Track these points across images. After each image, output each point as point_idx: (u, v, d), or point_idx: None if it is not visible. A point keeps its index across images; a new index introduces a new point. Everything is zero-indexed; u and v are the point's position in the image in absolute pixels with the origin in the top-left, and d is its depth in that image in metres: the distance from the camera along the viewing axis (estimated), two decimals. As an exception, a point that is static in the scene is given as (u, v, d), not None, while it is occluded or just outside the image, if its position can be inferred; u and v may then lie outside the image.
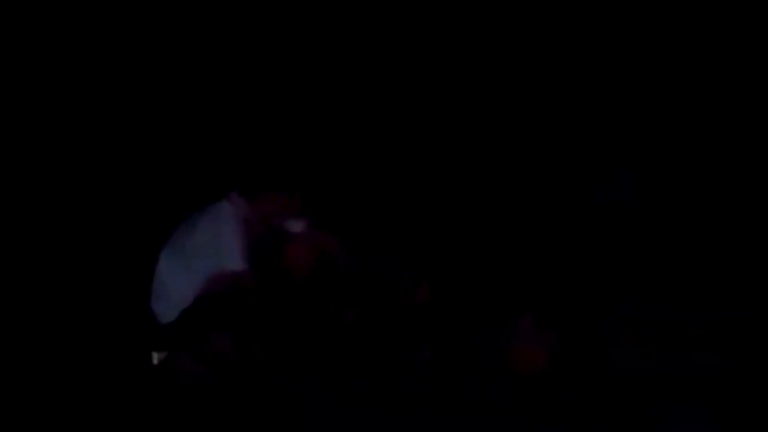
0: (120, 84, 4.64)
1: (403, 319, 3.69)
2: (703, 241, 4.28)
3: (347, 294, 3.82)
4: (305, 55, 4.72)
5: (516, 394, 3.49)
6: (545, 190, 4.69)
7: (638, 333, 3.70)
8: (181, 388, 3.52)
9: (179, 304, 3.61)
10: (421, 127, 4.76)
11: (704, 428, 3.25)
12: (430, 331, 3.66)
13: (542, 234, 4.54)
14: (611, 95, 4.66)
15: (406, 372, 3.57)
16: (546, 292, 3.97)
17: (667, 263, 4.18)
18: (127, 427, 3.51)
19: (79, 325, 4.05)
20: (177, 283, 3.64)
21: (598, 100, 4.68)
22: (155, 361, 3.66)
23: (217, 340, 3.53)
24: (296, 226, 3.82)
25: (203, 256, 3.61)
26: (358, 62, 4.74)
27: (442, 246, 4.47)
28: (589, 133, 4.69)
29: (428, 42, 4.72)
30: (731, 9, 4.48)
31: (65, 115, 4.59)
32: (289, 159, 3.91)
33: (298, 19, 4.70)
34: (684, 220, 4.40)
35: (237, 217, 3.66)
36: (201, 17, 4.64)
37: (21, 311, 4.12)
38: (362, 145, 4.74)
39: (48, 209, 4.49)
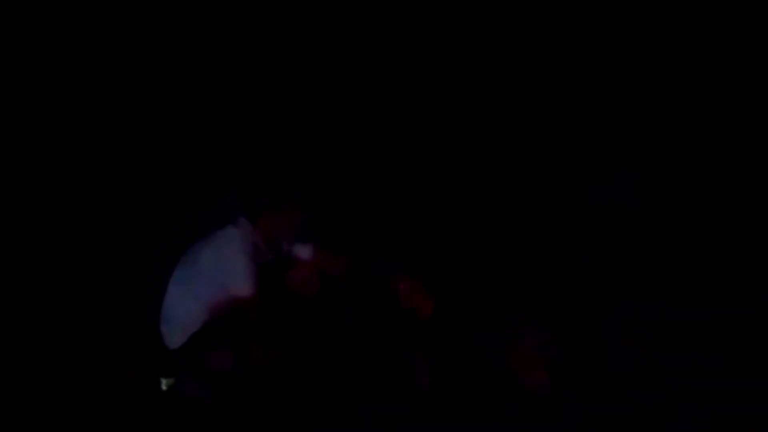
0: (121, 98, 4.65)
1: (403, 320, 3.69)
2: (703, 241, 4.28)
3: (347, 294, 3.84)
4: (304, 66, 4.74)
5: (516, 396, 3.49)
6: (545, 190, 4.69)
7: (638, 333, 3.69)
8: (187, 411, 3.53)
9: (187, 328, 3.64)
10: (421, 128, 4.77)
11: (704, 428, 3.25)
12: (429, 332, 3.66)
13: (542, 234, 4.54)
14: (611, 95, 4.66)
15: (406, 373, 3.57)
16: (546, 293, 3.97)
17: (667, 263, 4.18)
18: None
19: (86, 348, 4.04)
20: (185, 307, 3.66)
21: (598, 100, 4.68)
22: (163, 386, 3.67)
23: (219, 359, 3.55)
24: (302, 251, 3.85)
25: (211, 280, 3.63)
26: (352, 71, 4.75)
27: (442, 247, 4.47)
28: (589, 133, 4.69)
29: (427, 44, 4.72)
30: (731, 9, 4.47)
31: (64, 129, 4.60)
32: (291, 171, 3.93)
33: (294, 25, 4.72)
34: (684, 220, 4.40)
35: (245, 242, 3.68)
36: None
37: (27, 333, 4.12)
38: (360, 147, 4.74)
39: (57, 230, 4.49)
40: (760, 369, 3.50)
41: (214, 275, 3.63)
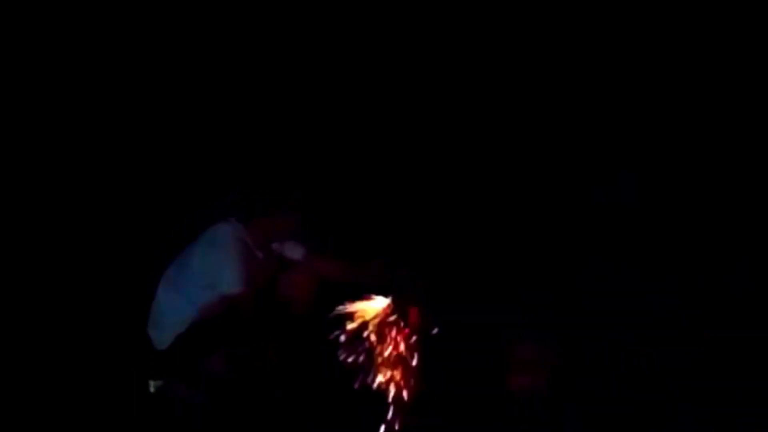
0: (120, 98, 4.65)
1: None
2: (703, 241, 4.28)
3: (346, 296, 3.83)
4: (303, 67, 4.74)
5: (516, 397, 3.49)
6: (545, 190, 4.69)
7: (638, 333, 3.70)
8: (178, 415, 3.52)
9: (176, 330, 3.61)
10: (420, 128, 4.77)
11: (704, 428, 3.25)
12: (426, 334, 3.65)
13: (542, 234, 4.54)
14: (611, 95, 4.66)
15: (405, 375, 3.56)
16: (545, 294, 3.97)
17: (667, 263, 4.18)
18: None
19: (75, 351, 4.03)
20: (174, 309, 3.64)
21: (598, 101, 4.68)
22: (152, 388, 3.64)
23: (213, 362, 3.54)
24: (296, 252, 3.84)
25: (201, 282, 3.60)
26: (351, 71, 4.75)
27: (441, 248, 4.47)
28: (589, 133, 4.69)
29: (426, 44, 4.72)
30: (731, 9, 4.47)
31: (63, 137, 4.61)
32: (290, 171, 3.92)
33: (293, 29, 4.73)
34: (684, 220, 4.40)
35: (236, 242, 3.65)
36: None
37: (18, 334, 4.11)
38: (359, 148, 4.75)
39: (54, 229, 4.50)
40: (760, 369, 3.50)
41: (204, 276, 3.60)
